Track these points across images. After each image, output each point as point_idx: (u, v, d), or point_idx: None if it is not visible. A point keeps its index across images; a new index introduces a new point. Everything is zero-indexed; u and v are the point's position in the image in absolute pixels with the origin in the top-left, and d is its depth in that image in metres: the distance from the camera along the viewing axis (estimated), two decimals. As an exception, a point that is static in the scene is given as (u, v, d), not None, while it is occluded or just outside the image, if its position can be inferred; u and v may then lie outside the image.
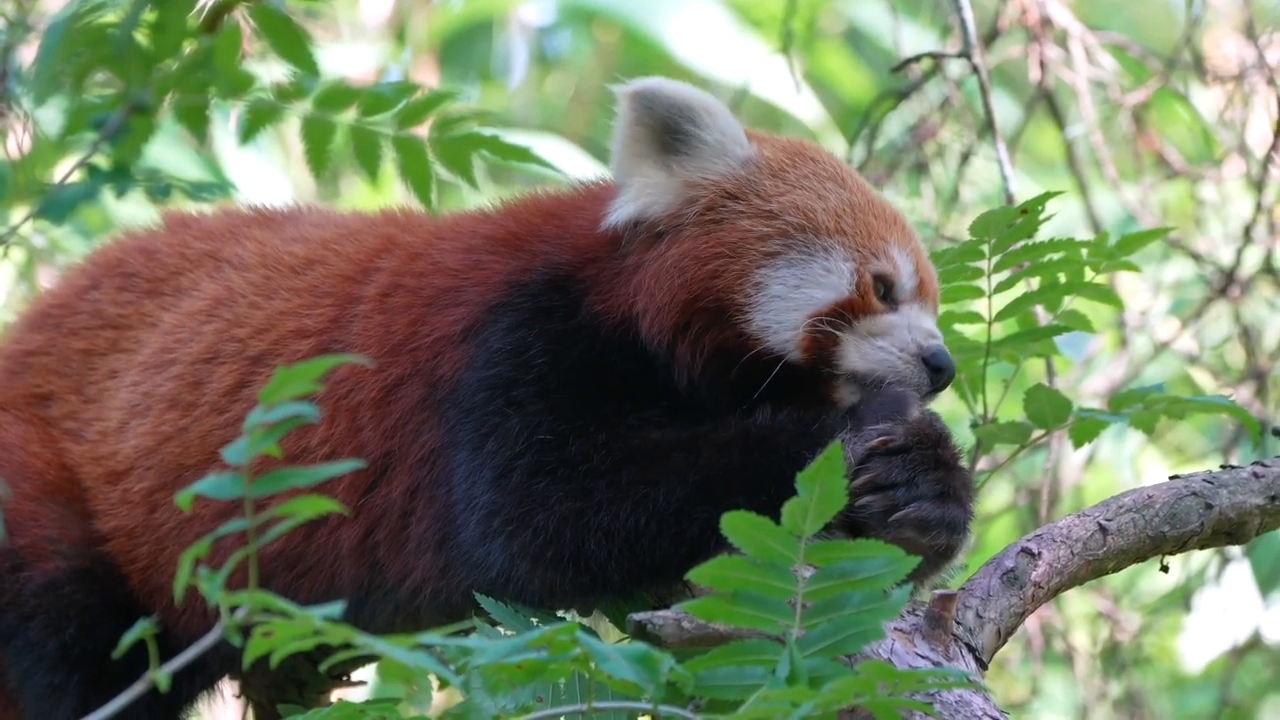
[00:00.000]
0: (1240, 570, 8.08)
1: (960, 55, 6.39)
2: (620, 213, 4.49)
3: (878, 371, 4.38)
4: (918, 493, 4.23)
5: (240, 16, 3.87)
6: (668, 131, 4.48)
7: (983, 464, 5.14)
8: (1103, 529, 4.41)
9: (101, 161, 3.84)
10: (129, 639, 3.52)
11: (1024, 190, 6.35)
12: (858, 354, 4.40)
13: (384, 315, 4.61)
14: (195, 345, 4.81)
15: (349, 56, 10.00)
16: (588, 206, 4.62)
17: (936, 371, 4.40)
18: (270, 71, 3.97)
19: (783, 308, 4.39)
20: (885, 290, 4.44)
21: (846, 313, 4.39)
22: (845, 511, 3.89)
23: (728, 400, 4.40)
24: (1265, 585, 8.41)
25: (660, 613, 3.97)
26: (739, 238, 4.42)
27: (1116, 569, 4.47)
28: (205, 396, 4.75)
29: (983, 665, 4.22)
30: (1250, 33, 7.31)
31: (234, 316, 4.81)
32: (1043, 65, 7.23)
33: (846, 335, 4.39)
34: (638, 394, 4.40)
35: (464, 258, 4.61)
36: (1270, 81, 7.21)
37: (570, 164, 8.09)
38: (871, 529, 4.19)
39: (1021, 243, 4.84)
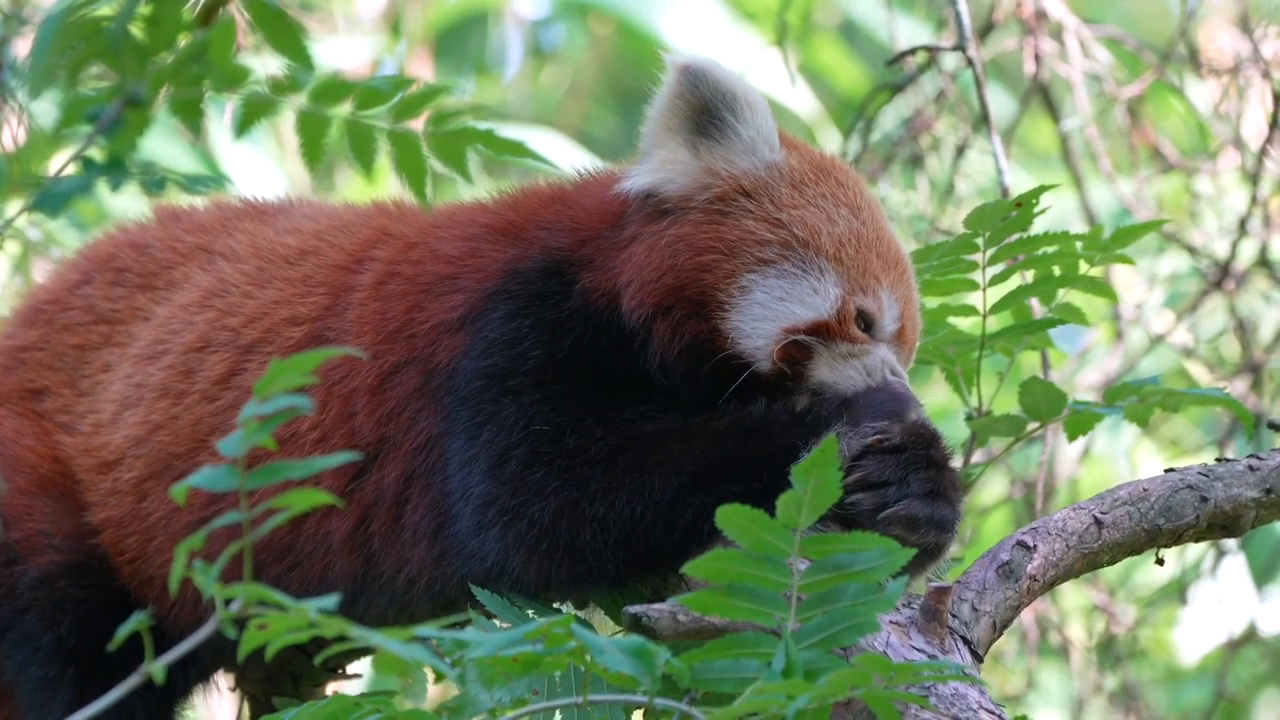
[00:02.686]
0: (1235, 563, 8.08)
1: (955, 48, 6.39)
2: (637, 180, 4.49)
3: (841, 386, 4.39)
4: (908, 491, 4.23)
5: (235, 10, 3.87)
6: (705, 114, 4.48)
7: (978, 457, 5.14)
8: (1098, 522, 4.41)
9: (96, 154, 3.84)
10: (125, 631, 3.52)
11: (1019, 183, 6.35)
12: (829, 368, 4.40)
13: (379, 302, 4.61)
14: (187, 335, 4.81)
15: (344, 50, 9.99)
16: (590, 191, 4.62)
17: None
18: (265, 65, 3.97)
19: (761, 315, 4.39)
20: (865, 326, 4.44)
21: (824, 332, 4.39)
22: (836, 507, 3.90)
23: (695, 391, 4.41)
24: (1260, 578, 8.42)
25: (656, 606, 3.97)
26: (739, 236, 4.42)
27: (1112, 562, 4.47)
28: (196, 385, 4.75)
29: (978, 658, 4.22)
30: (1245, 26, 7.32)
31: (226, 306, 4.81)
32: (1038, 58, 7.24)
33: (821, 349, 4.40)
34: (631, 386, 4.41)
35: (463, 245, 4.61)
36: (1265, 75, 7.22)
37: (565, 158, 8.07)
38: (862, 525, 4.18)
39: (1016, 236, 4.85)
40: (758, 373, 4.38)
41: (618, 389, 4.40)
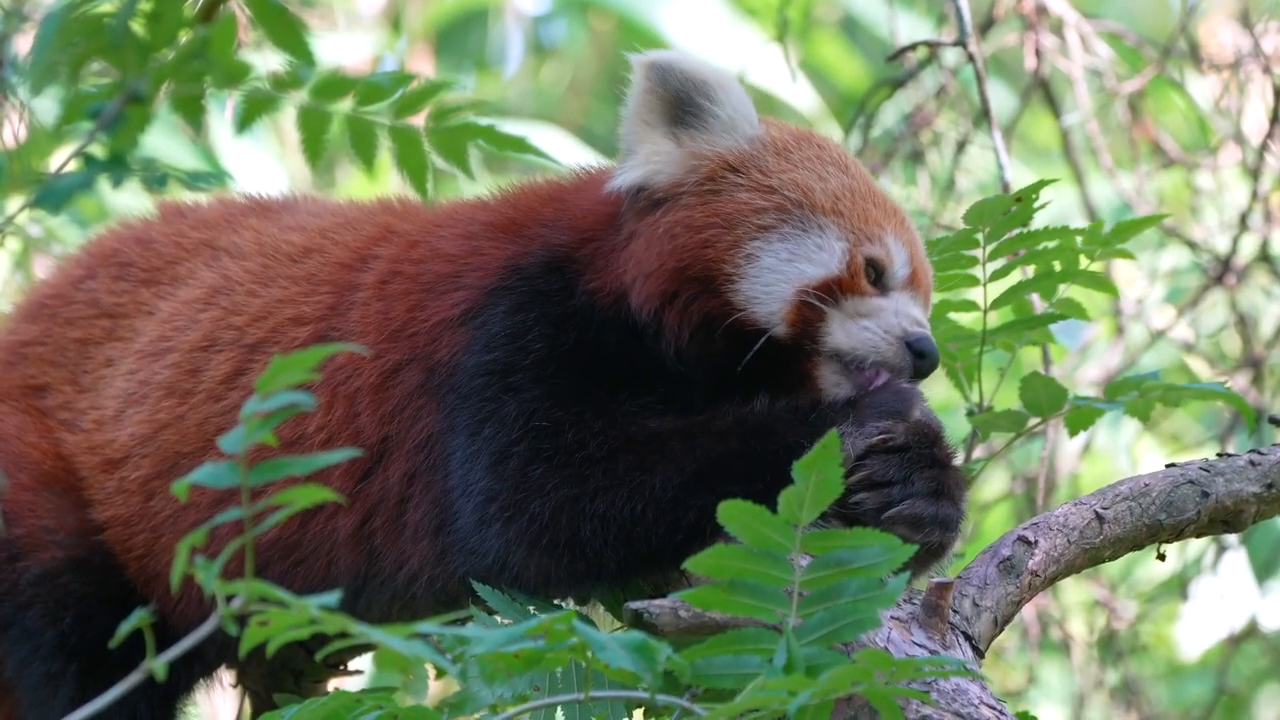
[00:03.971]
0: (1237, 558, 8.09)
1: (956, 44, 6.38)
2: (624, 178, 4.51)
3: (860, 350, 4.39)
4: (912, 490, 4.23)
5: (236, 6, 3.87)
6: (680, 104, 4.50)
7: (979, 452, 5.14)
8: (1099, 517, 4.41)
9: (98, 151, 3.84)
10: (127, 628, 3.52)
11: (1019, 178, 6.35)
12: (843, 332, 4.40)
13: (382, 302, 4.61)
14: (192, 333, 4.82)
15: (345, 46, 9.99)
16: (588, 188, 4.63)
17: (920, 357, 4.39)
18: (266, 61, 3.97)
19: (772, 279, 4.40)
20: (876, 275, 4.44)
21: (836, 290, 4.40)
22: (839, 506, 3.89)
23: (714, 373, 4.41)
24: (1262, 573, 8.43)
25: (657, 601, 3.97)
26: (735, 209, 4.44)
27: (1113, 557, 4.47)
28: (202, 384, 4.75)
29: (979, 653, 4.22)
30: (1246, 21, 7.32)
31: (231, 304, 4.82)
32: (1038, 53, 7.24)
33: (833, 312, 4.40)
34: (634, 379, 4.41)
35: (463, 244, 4.62)
36: (1265, 69, 7.22)
37: (566, 153, 8.07)
38: (866, 524, 4.17)
39: (1017, 231, 4.84)
40: (775, 338, 4.39)
41: (620, 383, 4.41)
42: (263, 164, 8.93)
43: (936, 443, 4.29)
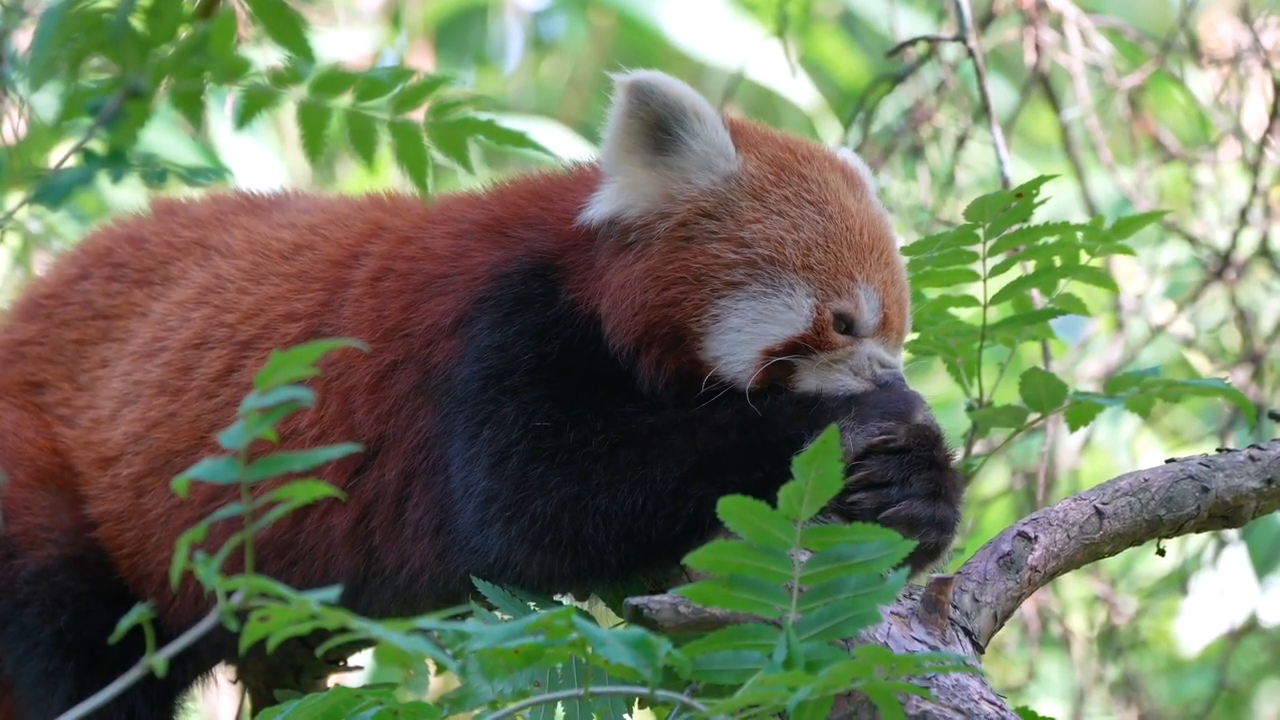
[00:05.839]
0: (1237, 553, 8.10)
1: (956, 39, 6.38)
2: (598, 209, 4.46)
3: (829, 390, 4.38)
4: (910, 491, 4.23)
5: (235, 2, 3.87)
6: (659, 129, 4.44)
7: (979, 448, 5.13)
8: (1099, 513, 4.41)
9: (97, 147, 3.84)
10: (126, 624, 3.52)
11: (1019, 174, 6.35)
12: (813, 377, 4.38)
13: (375, 300, 4.60)
14: (184, 332, 4.81)
15: (344, 41, 9.98)
16: (575, 190, 4.59)
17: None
18: (266, 56, 3.97)
19: (738, 340, 4.37)
20: (846, 326, 4.41)
21: (802, 346, 4.38)
22: (838, 503, 3.88)
23: (689, 407, 4.39)
24: (1262, 568, 8.43)
25: (657, 597, 3.97)
26: (705, 263, 4.39)
27: (1113, 552, 4.47)
28: (194, 382, 4.75)
29: (979, 649, 4.22)
30: (1245, 16, 7.32)
31: (223, 302, 4.81)
32: (1038, 49, 7.23)
33: (802, 363, 4.38)
34: (624, 382, 4.40)
35: (453, 244, 4.60)
36: (1265, 65, 7.22)
37: (566, 148, 8.06)
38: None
39: (1017, 226, 4.84)
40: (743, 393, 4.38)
41: (613, 385, 4.40)
42: (262, 160, 8.93)
43: (936, 445, 4.28)
